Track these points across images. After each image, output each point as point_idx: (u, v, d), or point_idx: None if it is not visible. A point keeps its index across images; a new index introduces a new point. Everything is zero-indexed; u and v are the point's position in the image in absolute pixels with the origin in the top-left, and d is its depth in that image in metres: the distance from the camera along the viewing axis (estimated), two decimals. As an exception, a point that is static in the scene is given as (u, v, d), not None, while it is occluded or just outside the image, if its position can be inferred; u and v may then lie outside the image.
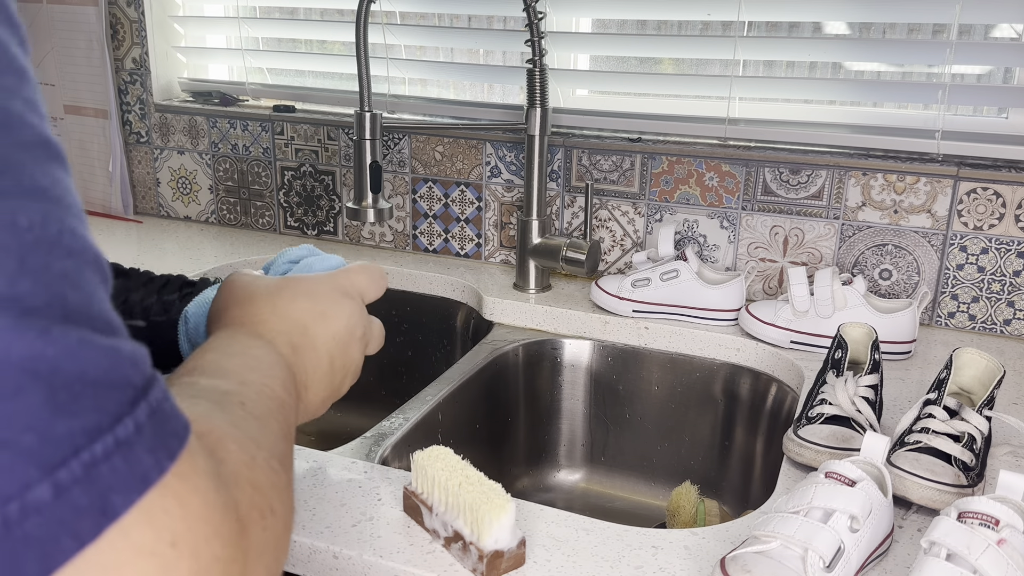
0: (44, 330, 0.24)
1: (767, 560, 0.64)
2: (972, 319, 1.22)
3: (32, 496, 0.23)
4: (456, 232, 1.49)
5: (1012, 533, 0.62)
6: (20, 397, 0.23)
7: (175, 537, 0.26)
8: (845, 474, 0.69)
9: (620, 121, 1.35)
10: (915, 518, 0.78)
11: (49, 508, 0.23)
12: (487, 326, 1.30)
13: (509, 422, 1.26)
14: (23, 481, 0.23)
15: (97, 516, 0.24)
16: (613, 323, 1.23)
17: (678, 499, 1.07)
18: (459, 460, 0.74)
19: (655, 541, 0.74)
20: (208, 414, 0.37)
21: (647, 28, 1.40)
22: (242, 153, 1.61)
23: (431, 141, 1.46)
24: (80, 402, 0.25)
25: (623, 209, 1.36)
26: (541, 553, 0.72)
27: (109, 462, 0.25)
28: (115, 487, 0.25)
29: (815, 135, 1.25)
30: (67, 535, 0.24)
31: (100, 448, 0.25)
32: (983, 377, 0.89)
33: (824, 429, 0.87)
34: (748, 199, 1.29)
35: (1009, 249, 1.18)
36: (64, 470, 0.24)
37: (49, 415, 0.24)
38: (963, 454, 0.80)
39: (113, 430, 0.25)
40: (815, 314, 1.13)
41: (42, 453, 0.23)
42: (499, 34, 1.44)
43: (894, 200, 1.22)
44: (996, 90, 1.22)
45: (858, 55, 1.25)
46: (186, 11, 1.69)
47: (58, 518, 0.24)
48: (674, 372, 1.22)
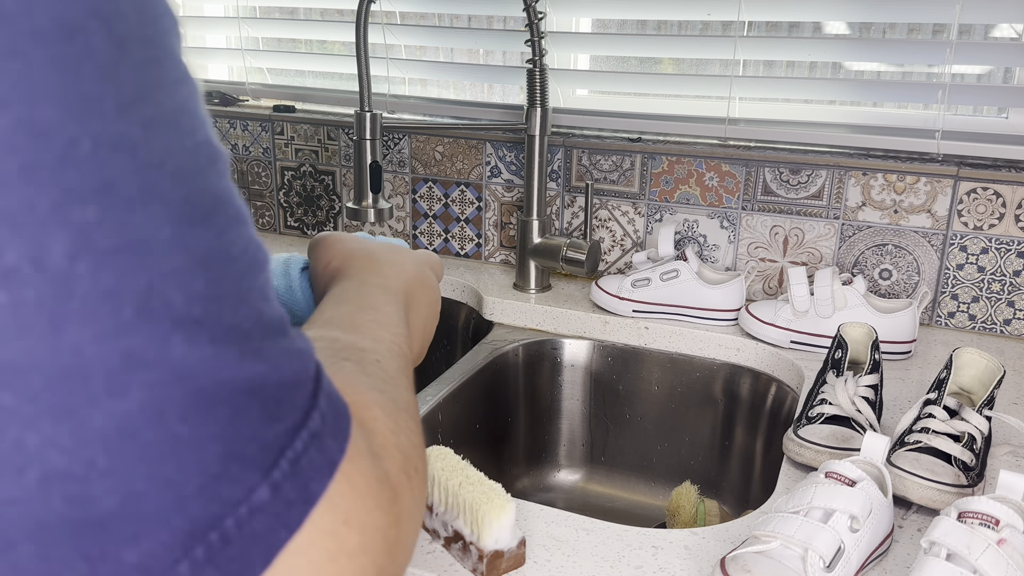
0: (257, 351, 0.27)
1: (767, 560, 0.64)
2: (972, 319, 1.22)
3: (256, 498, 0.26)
4: (456, 232, 1.49)
5: (1012, 533, 0.62)
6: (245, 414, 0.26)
7: (347, 516, 0.29)
8: (845, 474, 0.69)
9: (620, 121, 1.35)
10: (915, 518, 0.78)
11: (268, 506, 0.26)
12: (487, 326, 1.30)
13: (509, 422, 1.26)
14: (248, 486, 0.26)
15: (302, 505, 0.27)
16: (613, 323, 1.23)
17: (678, 499, 1.07)
18: (459, 460, 0.74)
19: (655, 541, 0.74)
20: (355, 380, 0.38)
21: (647, 28, 1.40)
22: (242, 153, 1.61)
23: (431, 141, 1.46)
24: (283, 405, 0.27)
25: (623, 209, 1.36)
26: (541, 553, 0.72)
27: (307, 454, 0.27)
28: (312, 476, 0.28)
29: (815, 135, 1.25)
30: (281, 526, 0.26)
31: (300, 444, 0.27)
32: (983, 377, 0.89)
33: (824, 429, 0.87)
34: (748, 199, 1.29)
35: (1009, 249, 1.18)
36: (277, 470, 0.26)
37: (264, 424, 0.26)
38: (963, 454, 0.80)
39: (307, 424, 0.28)
40: (815, 314, 1.13)
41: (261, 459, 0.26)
42: (499, 34, 1.44)
43: (894, 200, 1.22)
44: (996, 90, 1.22)
45: (858, 55, 1.25)
46: (186, 11, 1.69)
47: (275, 513, 0.26)
48: (674, 372, 1.22)
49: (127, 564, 0.23)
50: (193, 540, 0.24)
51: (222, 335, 0.26)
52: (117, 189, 0.23)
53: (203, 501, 0.25)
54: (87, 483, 0.23)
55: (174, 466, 0.24)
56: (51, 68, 0.22)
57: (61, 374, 0.22)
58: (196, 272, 0.25)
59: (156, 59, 0.25)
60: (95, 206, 0.23)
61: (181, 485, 0.24)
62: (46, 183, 0.22)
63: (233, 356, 0.26)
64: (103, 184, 0.23)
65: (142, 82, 0.24)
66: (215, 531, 0.25)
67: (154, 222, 0.24)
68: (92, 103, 0.23)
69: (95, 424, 0.23)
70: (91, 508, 0.23)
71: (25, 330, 0.22)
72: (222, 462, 0.25)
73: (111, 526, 0.23)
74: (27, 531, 0.23)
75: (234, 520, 0.25)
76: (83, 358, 0.23)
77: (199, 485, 0.25)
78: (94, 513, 0.23)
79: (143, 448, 0.24)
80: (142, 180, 0.24)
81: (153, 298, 0.24)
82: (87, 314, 0.23)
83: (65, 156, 0.22)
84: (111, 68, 0.23)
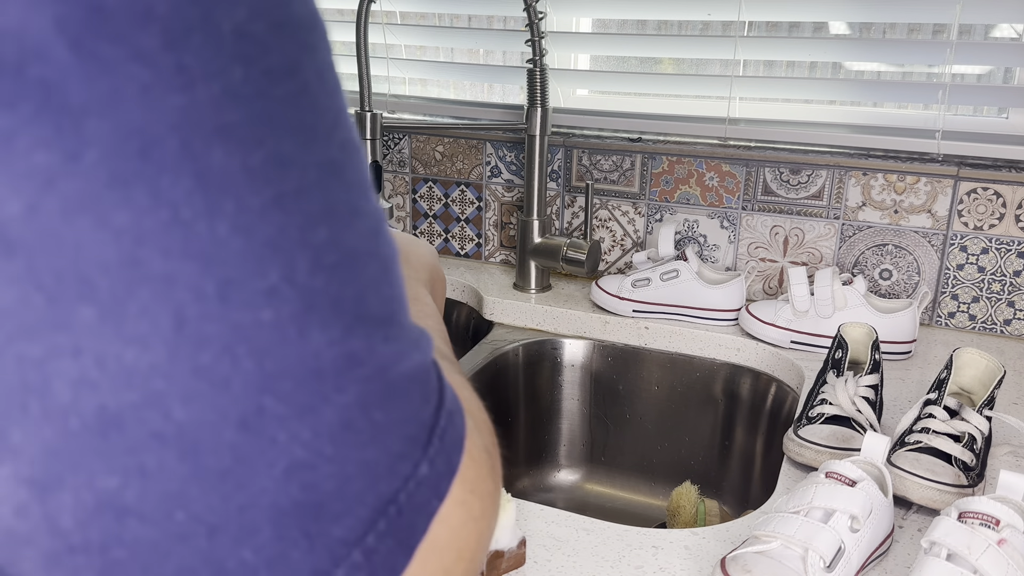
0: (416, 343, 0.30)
1: (767, 560, 0.64)
2: (972, 319, 1.22)
3: (420, 472, 0.29)
4: (456, 232, 1.49)
5: (1012, 533, 0.62)
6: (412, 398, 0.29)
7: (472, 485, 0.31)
8: (845, 474, 0.69)
9: (620, 121, 1.35)
10: (915, 518, 0.78)
11: (427, 479, 0.29)
12: (487, 326, 1.30)
13: (509, 422, 1.26)
14: (415, 462, 0.29)
15: (448, 477, 0.30)
16: (613, 323, 1.23)
17: (678, 499, 1.07)
18: (459, 460, 0.74)
19: (655, 541, 0.74)
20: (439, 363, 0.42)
21: (647, 28, 1.40)
22: (242, 153, 1.61)
23: (431, 141, 1.46)
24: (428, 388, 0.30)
25: (623, 209, 1.36)
26: (541, 553, 0.72)
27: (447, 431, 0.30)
28: (452, 450, 0.30)
29: (815, 135, 1.25)
30: (435, 497, 0.29)
31: (443, 421, 0.30)
32: (983, 377, 0.89)
33: (824, 429, 0.87)
34: (748, 199, 1.29)
35: (1009, 249, 1.18)
36: (431, 446, 0.29)
37: (422, 405, 0.29)
38: (963, 454, 0.80)
39: (443, 403, 0.31)
40: (815, 314, 1.13)
41: (422, 437, 0.29)
42: (499, 34, 1.44)
43: (894, 200, 1.22)
44: (996, 90, 1.22)
45: (858, 55, 1.25)
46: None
47: (431, 485, 0.29)
48: (674, 372, 1.22)
49: (335, 538, 0.27)
50: (378, 514, 0.28)
51: (399, 332, 0.29)
52: (336, 210, 0.26)
53: (388, 479, 0.28)
54: (316, 471, 0.26)
55: (374, 450, 0.27)
56: (284, 105, 0.25)
57: (306, 376, 0.25)
58: (384, 278, 0.29)
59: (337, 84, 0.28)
60: (325, 227, 0.26)
61: (376, 466, 0.27)
62: (292, 210, 0.25)
63: (407, 349, 0.29)
64: (328, 207, 0.26)
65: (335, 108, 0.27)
66: (393, 505, 0.28)
67: (359, 236, 0.27)
68: (310, 133, 0.26)
69: (325, 419, 0.26)
70: (316, 493, 0.26)
71: (285, 341, 0.25)
72: (402, 442, 0.28)
73: (327, 507, 0.26)
74: (270, 517, 0.26)
75: (405, 494, 0.28)
76: (321, 361, 0.26)
77: (387, 465, 0.28)
78: (317, 497, 0.26)
79: (355, 436, 0.27)
80: (348, 199, 0.27)
81: (361, 304, 0.27)
82: (324, 322, 0.26)
83: (301, 185, 0.25)
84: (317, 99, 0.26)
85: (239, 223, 0.24)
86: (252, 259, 0.24)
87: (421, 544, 0.29)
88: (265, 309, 0.24)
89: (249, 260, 0.24)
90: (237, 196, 0.24)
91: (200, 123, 0.23)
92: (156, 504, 0.24)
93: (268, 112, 0.24)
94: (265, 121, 0.24)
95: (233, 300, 0.24)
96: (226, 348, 0.24)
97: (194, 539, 0.25)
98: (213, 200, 0.23)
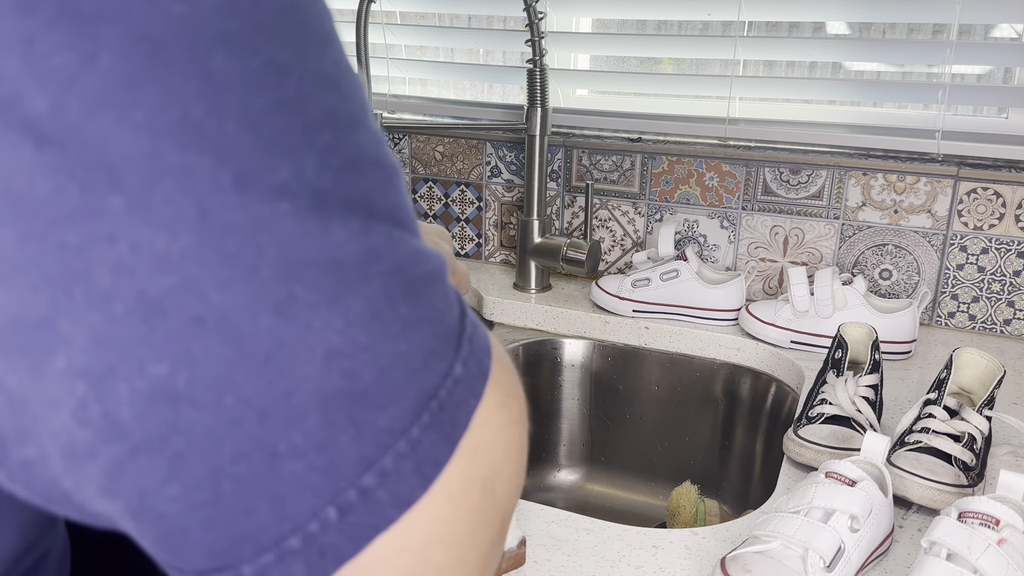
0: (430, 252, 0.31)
1: (767, 560, 0.64)
2: (972, 319, 1.22)
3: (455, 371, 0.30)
4: (456, 232, 1.49)
5: (1012, 533, 0.62)
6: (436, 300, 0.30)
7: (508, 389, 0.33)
8: (845, 474, 0.69)
9: (620, 121, 1.35)
10: (915, 518, 0.78)
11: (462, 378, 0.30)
12: (487, 326, 1.30)
13: (509, 422, 1.26)
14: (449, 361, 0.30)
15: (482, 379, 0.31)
16: (613, 323, 1.23)
17: (678, 499, 1.07)
18: (459, 460, 0.74)
19: (655, 541, 0.74)
20: None
21: (647, 28, 1.40)
22: (242, 153, 1.61)
23: (431, 141, 1.46)
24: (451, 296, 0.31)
25: (623, 209, 1.36)
26: (541, 553, 0.72)
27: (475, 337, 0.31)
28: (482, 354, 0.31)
29: (815, 135, 1.25)
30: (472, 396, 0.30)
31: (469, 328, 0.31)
32: (983, 377, 0.89)
33: (824, 429, 0.87)
34: (748, 199, 1.29)
35: (1009, 249, 1.18)
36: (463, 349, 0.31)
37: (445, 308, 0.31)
38: (963, 454, 0.80)
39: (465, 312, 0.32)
40: (815, 314, 1.13)
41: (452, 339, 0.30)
42: (499, 34, 1.44)
43: (894, 200, 1.22)
44: (996, 90, 1.22)
45: (858, 55, 1.25)
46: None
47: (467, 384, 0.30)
48: (674, 372, 1.22)
49: (380, 427, 0.28)
50: (421, 407, 0.29)
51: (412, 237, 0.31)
52: (335, 117, 0.28)
53: (425, 373, 0.29)
54: (353, 359, 0.27)
55: (406, 343, 0.29)
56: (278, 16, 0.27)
57: (328, 266, 0.27)
58: (390, 187, 0.30)
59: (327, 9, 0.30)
60: (327, 131, 0.28)
61: (411, 360, 0.29)
62: (294, 113, 0.27)
63: (422, 253, 0.30)
64: (327, 113, 0.28)
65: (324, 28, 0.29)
66: (434, 400, 0.29)
67: (362, 144, 0.29)
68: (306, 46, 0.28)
69: (355, 308, 0.27)
70: (357, 380, 0.27)
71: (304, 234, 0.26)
72: (434, 340, 0.30)
73: (370, 395, 0.28)
74: (316, 402, 0.27)
75: (444, 390, 0.30)
76: (342, 252, 0.27)
77: (422, 360, 0.29)
78: (359, 385, 0.27)
79: (385, 327, 0.28)
80: (348, 111, 0.29)
81: (371, 205, 0.29)
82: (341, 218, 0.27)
83: (300, 91, 0.27)
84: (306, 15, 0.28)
85: (245, 122, 0.25)
86: (262, 155, 0.26)
87: (465, 441, 0.30)
88: (282, 201, 0.26)
89: (259, 155, 0.26)
90: (242, 97, 0.25)
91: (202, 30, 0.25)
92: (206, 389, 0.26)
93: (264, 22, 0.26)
94: (262, 30, 0.26)
95: (250, 192, 0.25)
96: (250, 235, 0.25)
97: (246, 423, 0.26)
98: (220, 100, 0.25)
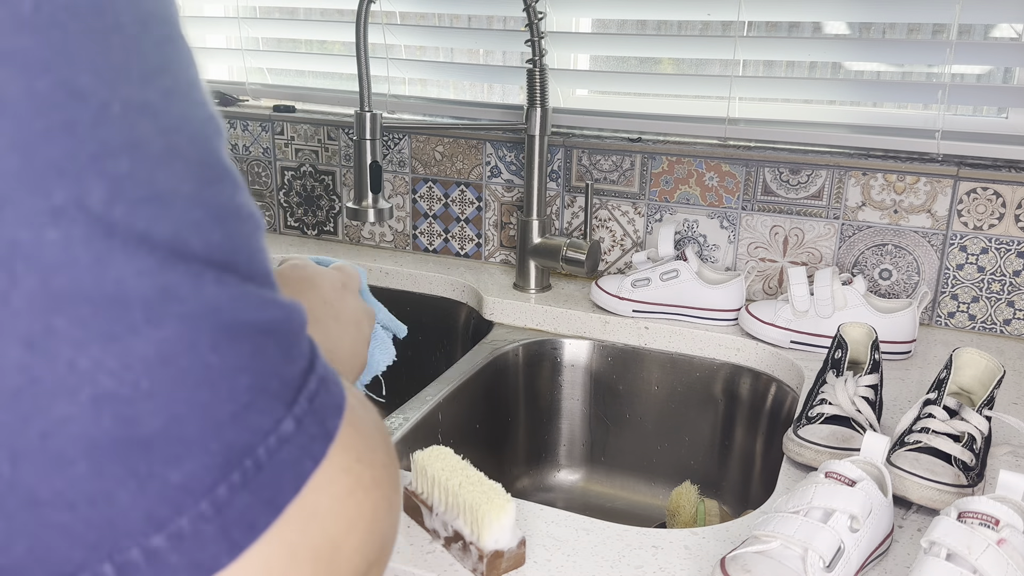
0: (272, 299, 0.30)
1: (767, 560, 0.64)
2: (972, 319, 1.22)
3: (283, 429, 0.28)
4: (456, 232, 1.49)
5: (1012, 533, 0.62)
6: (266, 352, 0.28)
7: (359, 454, 0.31)
8: (845, 474, 0.69)
9: (620, 121, 1.35)
10: (915, 518, 0.78)
11: (294, 437, 0.28)
12: (487, 326, 1.30)
13: (509, 422, 1.26)
14: (276, 417, 0.28)
15: (323, 440, 0.30)
16: (613, 323, 1.23)
17: (678, 499, 1.07)
18: (459, 460, 0.74)
19: (655, 541, 0.74)
20: None
21: (647, 28, 1.40)
22: (242, 153, 1.61)
23: (431, 141, 1.46)
24: (295, 349, 0.30)
25: (623, 209, 1.36)
26: (541, 553, 0.72)
27: (320, 395, 0.30)
28: (327, 415, 0.30)
29: (815, 135, 1.25)
30: (307, 458, 0.29)
31: (313, 384, 0.30)
32: (983, 377, 0.89)
33: (824, 429, 0.87)
34: (748, 199, 1.29)
35: (1009, 249, 1.18)
36: (298, 406, 0.29)
37: (283, 363, 0.29)
38: (963, 454, 0.80)
39: (315, 368, 0.30)
40: (815, 314, 1.13)
41: (284, 394, 0.29)
42: (499, 34, 1.44)
43: (894, 200, 1.22)
44: (996, 90, 1.22)
45: (858, 55, 1.25)
46: (186, 11, 1.69)
47: (300, 444, 0.29)
48: (674, 372, 1.22)
49: (172, 484, 0.26)
50: (230, 465, 0.27)
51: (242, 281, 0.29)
52: (144, 147, 0.26)
53: (237, 428, 0.27)
54: (134, 404, 0.25)
55: (208, 392, 0.27)
56: (85, 39, 0.25)
57: (106, 303, 0.25)
58: (214, 225, 0.28)
59: (172, 37, 0.29)
60: (127, 159, 0.26)
61: (216, 411, 0.27)
62: (85, 137, 0.25)
63: (253, 300, 0.29)
64: (132, 141, 0.26)
65: (161, 56, 0.28)
66: (249, 458, 0.27)
67: (176, 178, 0.27)
68: (120, 72, 0.26)
69: (137, 350, 0.25)
70: (138, 428, 0.25)
71: (74, 263, 0.24)
72: (251, 393, 0.28)
73: (157, 446, 0.26)
74: (83, 449, 0.25)
75: (265, 448, 0.28)
76: (124, 289, 0.25)
77: (232, 412, 0.27)
78: (141, 433, 0.25)
79: (180, 374, 0.26)
80: (165, 141, 0.27)
81: (182, 241, 0.27)
82: (127, 252, 0.25)
83: (99, 116, 0.25)
84: (135, 41, 0.27)
85: (17, 142, 0.24)
86: (31, 178, 0.24)
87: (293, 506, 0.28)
88: (50, 228, 0.24)
89: (27, 179, 0.24)
90: (17, 117, 0.24)
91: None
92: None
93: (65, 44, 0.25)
94: (61, 51, 0.25)
95: (7, 216, 0.24)
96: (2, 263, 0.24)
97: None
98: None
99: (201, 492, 0.26)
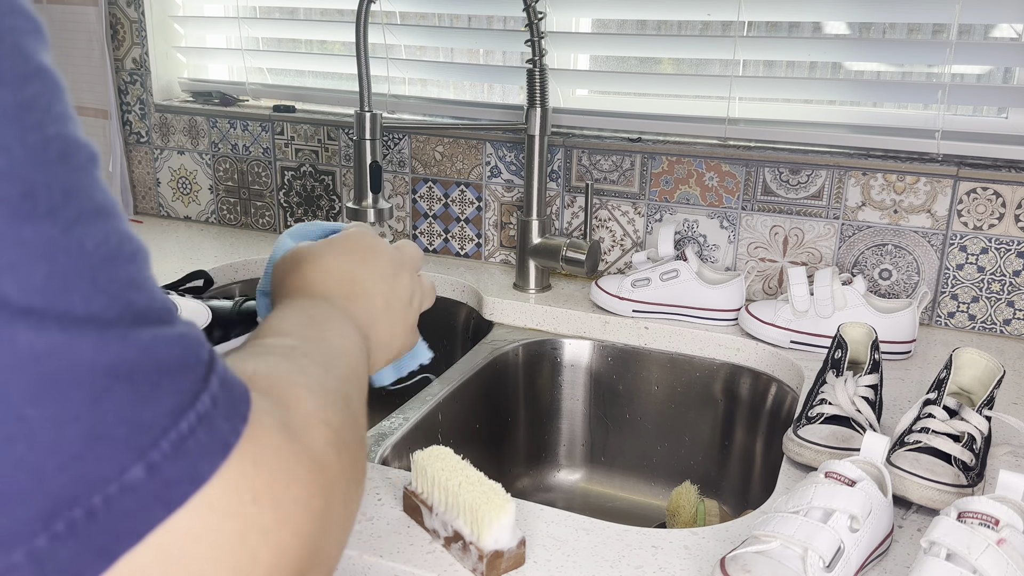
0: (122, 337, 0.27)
1: (767, 560, 0.64)
2: (972, 319, 1.22)
3: (128, 477, 0.27)
4: (456, 232, 1.49)
5: (1012, 533, 0.62)
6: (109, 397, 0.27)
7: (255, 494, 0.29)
8: (845, 474, 0.69)
9: (620, 121, 1.35)
10: (915, 518, 0.78)
11: (143, 484, 0.27)
12: (487, 326, 1.30)
13: (509, 422, 1.26)
14: (120, 466, 0.27)
15: (186, 485, 0.28)
16: (613, 323, 1.23)
17: (678, 499, 1.07)
18: (459, 460, 0.74)
19: (655, 541, 0.74)
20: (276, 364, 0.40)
21: (647, 28, 1.40)
22: (242, 153, 1.61)
23: (431, 141, 1.46)
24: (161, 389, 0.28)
25: (623, 209, 1.36)
26: (541, 553, 0.72)
27: (195, 436, 0.28)
28: (202, 457, 0.28)
29: (815, 135, 1.25)
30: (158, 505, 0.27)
31: (185, 425, 0.28)
32: (983, 377, 0.89)
33: (824, 429, 0.87)
34: (748, 199, 1.29)
35: (1009, 249, 1.18)
36: (155, 451, 0.27)
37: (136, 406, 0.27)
38: (963, 454, 0.80)
39: (194, 406, 0.29)
40: (815, 314, 1.13)
41: (134, 440, 0.27)
42: (499, 34, 1.44)
43: (894, 200, 1.22)
44: (996, 90, 1.22)
45: (858, 55, 1.25)
46: (186, 11, 1.69)
47: (151, 492, 0.27)
48: (674, 372, 1.22)
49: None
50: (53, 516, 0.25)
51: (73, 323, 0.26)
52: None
53: (64, 480, 0.26)
54: None
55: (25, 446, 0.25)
56: None
57: None
58: (35, 265, 0.26)
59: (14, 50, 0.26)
60: None
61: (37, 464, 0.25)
62: None
63: (89, 342, 0.26)
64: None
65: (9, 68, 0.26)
66: (79, 507, 0.26)
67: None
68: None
69: None
70: None
71: None
72: (84, 443, 0.26)
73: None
74: None
75: (102, 498, 0.26)
76: None
77: (58, 464, 0.25)
78: None
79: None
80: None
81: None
82: None
83: None
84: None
85: None
86: None
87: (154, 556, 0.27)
88: None
89: None
90: None
91: None
92: None
93: None
94: None
95: None
96: None
97: None
98: None
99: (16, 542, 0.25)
